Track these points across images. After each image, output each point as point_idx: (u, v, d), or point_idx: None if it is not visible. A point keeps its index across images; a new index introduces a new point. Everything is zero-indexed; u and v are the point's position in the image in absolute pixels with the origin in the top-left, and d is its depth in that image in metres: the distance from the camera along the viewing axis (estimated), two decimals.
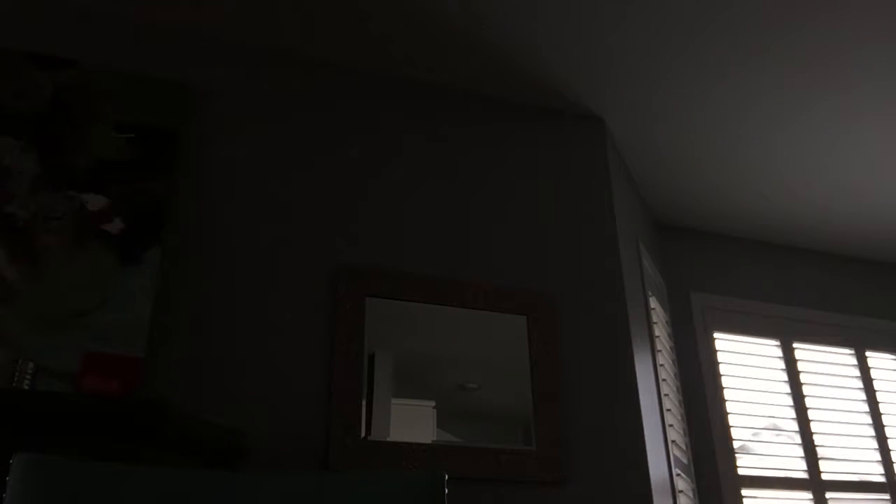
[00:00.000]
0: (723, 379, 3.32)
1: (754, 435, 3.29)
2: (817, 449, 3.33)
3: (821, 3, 2.35)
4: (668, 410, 2.79)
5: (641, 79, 2.68)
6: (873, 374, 3.67)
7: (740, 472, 3.15)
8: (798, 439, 3.33)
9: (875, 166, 3.17)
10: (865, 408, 3.55)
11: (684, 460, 2.89)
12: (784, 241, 3.80)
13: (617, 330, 2.51)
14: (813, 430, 3.37)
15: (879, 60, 2.59)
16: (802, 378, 3.49)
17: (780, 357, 3.51)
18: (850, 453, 3.40)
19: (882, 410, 3.57)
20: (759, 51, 2.54)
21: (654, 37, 2.49)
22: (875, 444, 3.47)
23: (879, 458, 3.44)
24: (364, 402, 2.08)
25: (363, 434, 2.04)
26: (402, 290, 2.28)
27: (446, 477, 1.15)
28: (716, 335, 3.43)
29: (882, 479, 3.40)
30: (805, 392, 3.45)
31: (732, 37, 2.48)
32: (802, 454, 3.29)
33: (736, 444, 3.21)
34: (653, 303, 2.99)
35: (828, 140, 3.00)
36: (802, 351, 3.58)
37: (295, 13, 2.39)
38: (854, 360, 3.67)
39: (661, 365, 2.88)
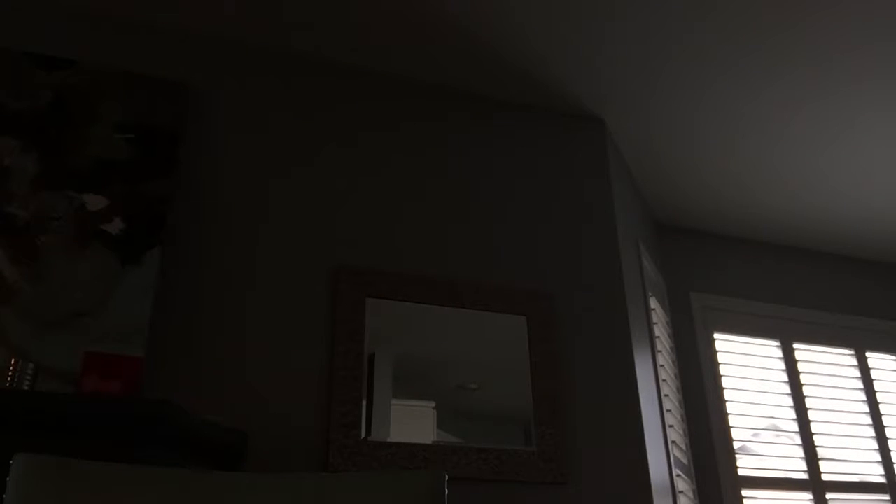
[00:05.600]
0: (723, 379, 3.32)
1: (754, 435, 3.29)
2: (817, 449, 3.33)
3: (819, 2, 2.35)
4: (668, 410, 2.79)
5: (641, 79, 2.68)
6: (873, 374, 3.67)
7: (740, 472, 3.15)
8: (798, 439, 3.33)
9: (875, 166, 3.17)
10: (865, 408, 3.55)
11: (684, 460, 2.89)
12: (784, 241, 3.80)
13: (617, 330, 2.51)
14: (813, 430, 3.37)
15: (878, 60, 2.59)
16: (802, 378, 3.49)
17: (780, 357, 3.51)
18: (850, 453, 3.40)
19: (882, 410, 3.57)
20: (758, 51, 2.54)
21: (653, 37, 2.49)
22: (875, 444, 3.47)
23: (879, 458, 3.44)
24: (364, 402, 2.08)
25: (363, 434, 2.04)
26: (402, 290, 2.28)
27: (446, 477, 1.15)
28: (716, 335, 3.43)
29: (882, 480, 3.40)
30: (805, 392, 3.45)
31: (732, 37, 2.48)
32: (802, 454, 3.29)
33: (736, 445, 3.21)
34: (653, 303, 2.99)
35: (827, 140, 3.00)
36: (802, 351, 3.57)
37: (295, 14, 2.39)
38: (854, 361, 3.67)
39: (661, 365, 2.88)
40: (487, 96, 2.77)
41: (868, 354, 3.72)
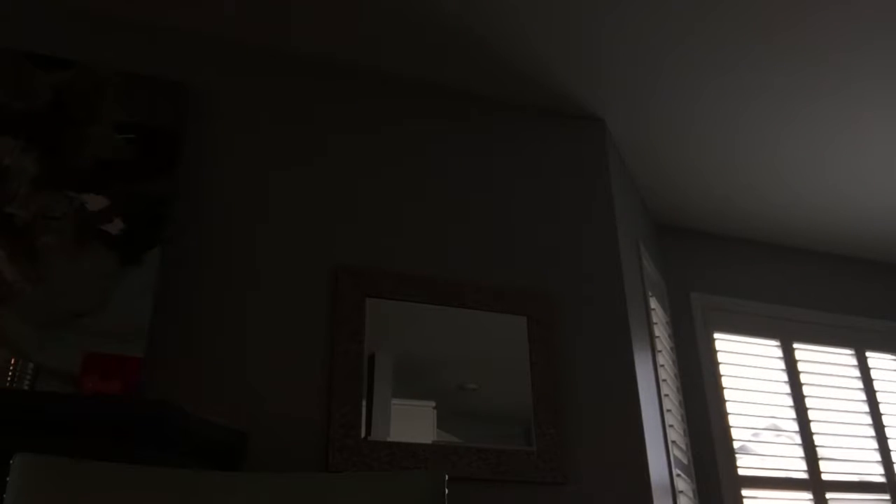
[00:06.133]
0: (723, 379, 3.32)
1: (754, 435, 3.29)
2: (817, 449, 3.33)
3: (819, 2, 2.35)
4: (668, 410, 2.79)
5: (641, 79, 2.68)
6: (873, 374, 3.67)
7: (740, 472, 3.15)
8: (798, 439, 3.33)
9: (875, 166, 3.17)
10: (865, 408, 3.55)
11: (684, 460, 2.89)
12: (784, 241, 3.80)
13: (617, 330, 2.51)
14: (813, 430, 3.37)
15: (879, 59, 2.59)
16: (802, 378, 3.49)
17: (780, 357, 3.51)
18: (850, 453, 3.40)
19: (882, 410, 3.57)
20: (758, 50, 2.54)
21: (653, 37, 2.49)
22: (875, 444, 3.47)
23: (879, 458, 3.44)
24: (364, 402, 2.08)
25: (363, 434, 2.04)
26: (402, 290, 2.28)
27: (446, 477, 1.15)
28: (716, 335, 3.43)
29: (882, 479, 3.40)
30: (805, 392, 3.45)
31: (731, 37, 2.48)
32: (802, 454, 3.29)
33: (736, 444, 3.21)
34: (653, 303, 2.99)
35: (827, 139, 3.00)
36: (802, 351, 3.57)
37: (295, 13, 2.38)
38: (854, 360, 3.67)
39: (661, 365, 2.88)
40: (487, 96, 2.77)
41: (868, 354, 3.71)
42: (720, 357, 3.38)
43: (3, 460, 1.34)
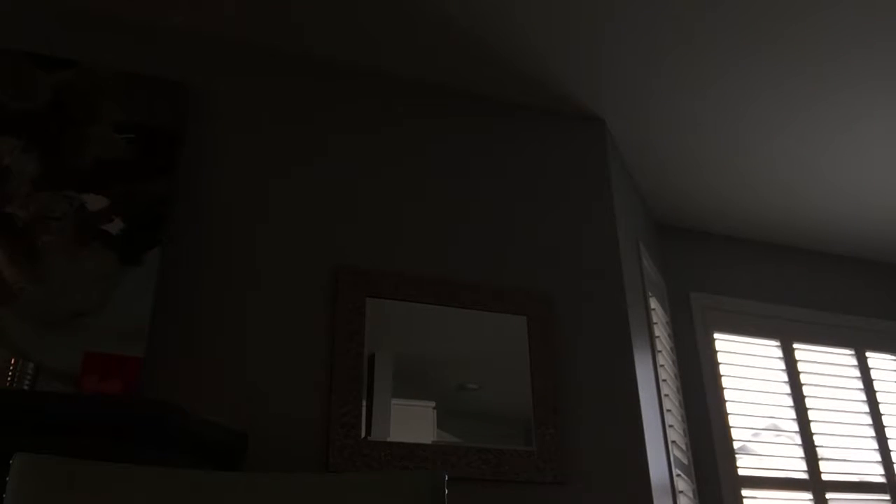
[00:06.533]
0: (723, 379, 3.32)
1: (754, 435, 3.29)
2: (817, 449, 3.33)
3: (820, 2, 2.35)
4: (668, 410, 2.79)
5: (642, 80, 2.68)
6: (873, 374, 3.67)
7: (740, 472, 3.15)
8: (798, 439, 3.33)
9: (874, 166, 3.17)
10: (865, 408, 3.55)
11: (684, 460, 2.89)
12: (784, 241, 3.80)
13: (617, 330, 2.51)
14: (813, 430, 3.37)
15: (879, 60, 2.59)
16: (802, 378, 3.49)
17: (780, 357, 3.51)
18: (850, 453, 3.40)
19: (882, 410, 3.57)
20: (759, 51, 2.54)
21: (654, 37, 2.49)
22: (875, 444, 3.47)
23: (879, 458, 3.44)
24: (364, 402, 2.08)
25: (363, 434, 2.04)
26: (402, 290, 2.28)
27: (446, 477, 1.15)
28: (716, 335, 3.43)
29: (882, 479, 3.40)
30: (805, 392, 3.45)
31: (732, 37, 2.48)
32: (802, 454, 3.29)
33: (736, 445, 3.20)
34: (653, 303, 2.99)
35: (827, 140, 3.00)
36: (802, 351, 3.57)
37: (295, 14, 2.39)
38: (854, 361, 3.67)
39: (661, 365, 2.88)
40: (487, 96, 2.77)
41: (868, 354, 3.71)
42: (720, 357, 3.38)
43: (3, 460, 1.34)
